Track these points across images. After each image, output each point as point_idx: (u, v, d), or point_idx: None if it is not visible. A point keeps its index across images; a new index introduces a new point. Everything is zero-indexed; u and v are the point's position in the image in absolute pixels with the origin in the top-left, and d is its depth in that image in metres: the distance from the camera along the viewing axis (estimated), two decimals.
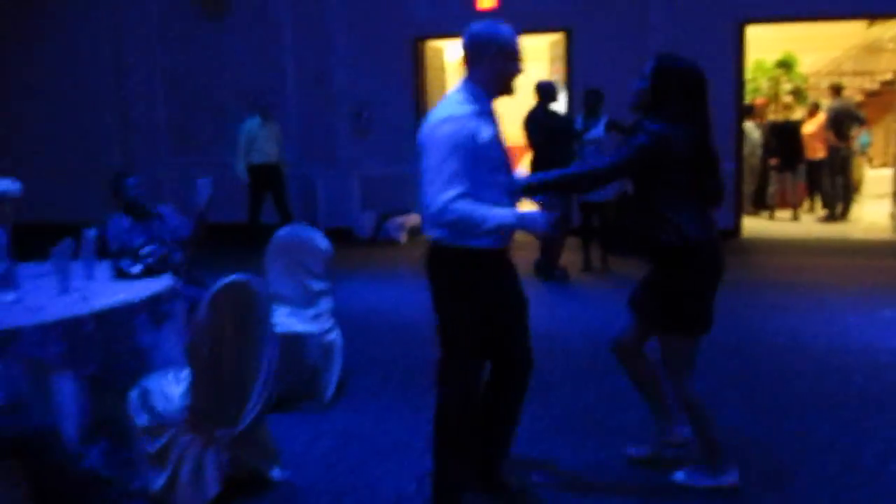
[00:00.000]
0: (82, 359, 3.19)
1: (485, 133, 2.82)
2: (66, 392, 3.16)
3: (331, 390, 4.33)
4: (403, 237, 9.98)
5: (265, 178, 9.16)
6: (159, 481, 3.20)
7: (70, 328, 3.16)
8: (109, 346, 3.29)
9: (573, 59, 9.65)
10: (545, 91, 7.51)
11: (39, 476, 2.75)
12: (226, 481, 3.19)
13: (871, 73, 14.74)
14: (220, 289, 3.03)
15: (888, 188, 10.37)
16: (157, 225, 4.59)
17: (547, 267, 7.50)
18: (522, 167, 7.25)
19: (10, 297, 3.50)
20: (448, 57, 11.13)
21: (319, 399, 4.28)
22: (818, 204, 11.48)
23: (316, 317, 4.41)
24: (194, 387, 3.08)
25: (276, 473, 3.40)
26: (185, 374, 3.33)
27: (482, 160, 2.80)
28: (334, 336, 4.47)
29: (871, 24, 13.92)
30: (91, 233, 3.97)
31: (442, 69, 10.90)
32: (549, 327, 5.55)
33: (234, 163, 9.14)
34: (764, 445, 3.66)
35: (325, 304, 4.50)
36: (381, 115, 10.21)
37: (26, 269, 3.93)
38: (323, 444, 3.81)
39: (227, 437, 3.16)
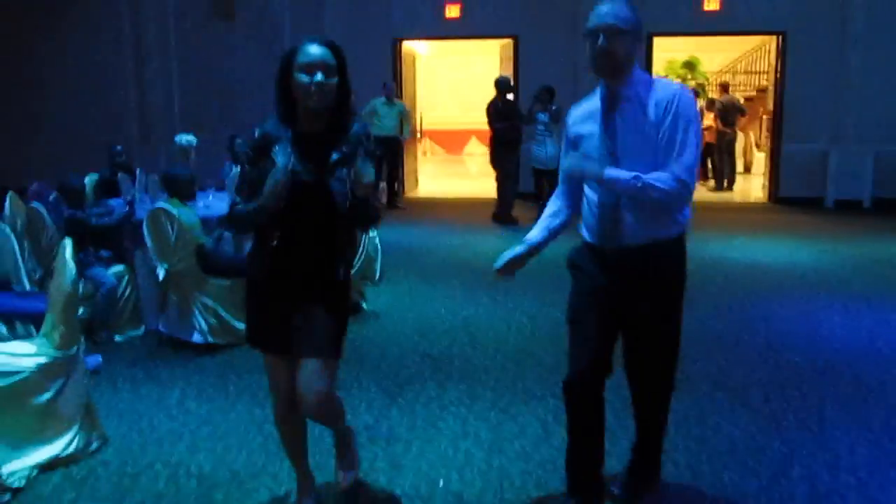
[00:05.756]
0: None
1: None
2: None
3: (378, 273, 6.79)
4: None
5: (384, 149, 11.61)
6: None
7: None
8: None
9: (520, 60, 12.22)
10: (502, 85, 10.04)
11: None
12: None
13: (761, 73, 17.71)
14: None
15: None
16: None
17: (505, 215, 10.00)
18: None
19: (201, 204, 5.88)
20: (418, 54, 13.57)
21: (373, 279, 6.72)
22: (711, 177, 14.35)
23: None
24: None
25: (363, 304, 5.86)
26: None
27: None
28: (378, 241, 6.91)
29: None
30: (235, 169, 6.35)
31: (413, 65, 13.38)
32: None
33: None
34: None
35: None
36: (365, 102, 12.55)
37: None
38: (384, 299, 6.29)
39: None
